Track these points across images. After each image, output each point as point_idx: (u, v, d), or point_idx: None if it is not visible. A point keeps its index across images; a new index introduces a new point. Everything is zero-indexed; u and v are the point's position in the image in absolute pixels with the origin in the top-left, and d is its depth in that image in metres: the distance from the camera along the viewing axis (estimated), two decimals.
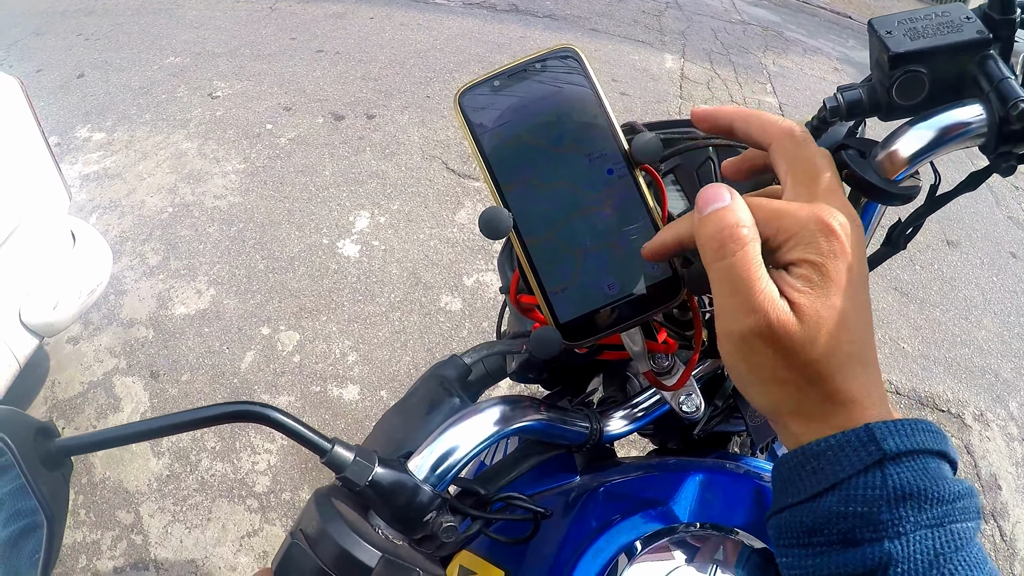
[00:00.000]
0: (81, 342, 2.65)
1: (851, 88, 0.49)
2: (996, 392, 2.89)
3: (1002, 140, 0.45)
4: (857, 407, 0.37)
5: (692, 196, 0.65)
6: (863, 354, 0.38)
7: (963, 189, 0.52)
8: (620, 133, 0.46)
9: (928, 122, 0.46)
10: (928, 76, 0.46)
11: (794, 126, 0.42)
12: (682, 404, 0.54)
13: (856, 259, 0.38)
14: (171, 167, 3.59)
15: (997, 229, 3.99)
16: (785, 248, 0.38)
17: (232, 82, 4.38)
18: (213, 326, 2.71)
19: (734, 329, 0.38)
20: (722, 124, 0.45)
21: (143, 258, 3.03)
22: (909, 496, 0.34)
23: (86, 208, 3.30)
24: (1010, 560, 2.26)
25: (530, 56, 0.47)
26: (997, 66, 0.45)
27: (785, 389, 0.38)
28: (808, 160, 0.41)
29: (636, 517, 0.55)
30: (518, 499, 0.52)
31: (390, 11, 5.53)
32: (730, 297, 0.38)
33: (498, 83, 0.46)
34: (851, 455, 0.35)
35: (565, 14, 5.75)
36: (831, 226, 0.37)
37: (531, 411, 0.55)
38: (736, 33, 5.95)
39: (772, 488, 0.40)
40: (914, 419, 0.37)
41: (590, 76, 0.46)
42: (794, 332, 0.36)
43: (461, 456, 0.50)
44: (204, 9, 5.45)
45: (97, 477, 2.22)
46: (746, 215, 0.38)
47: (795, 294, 0.37)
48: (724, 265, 0.38)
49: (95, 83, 4.36)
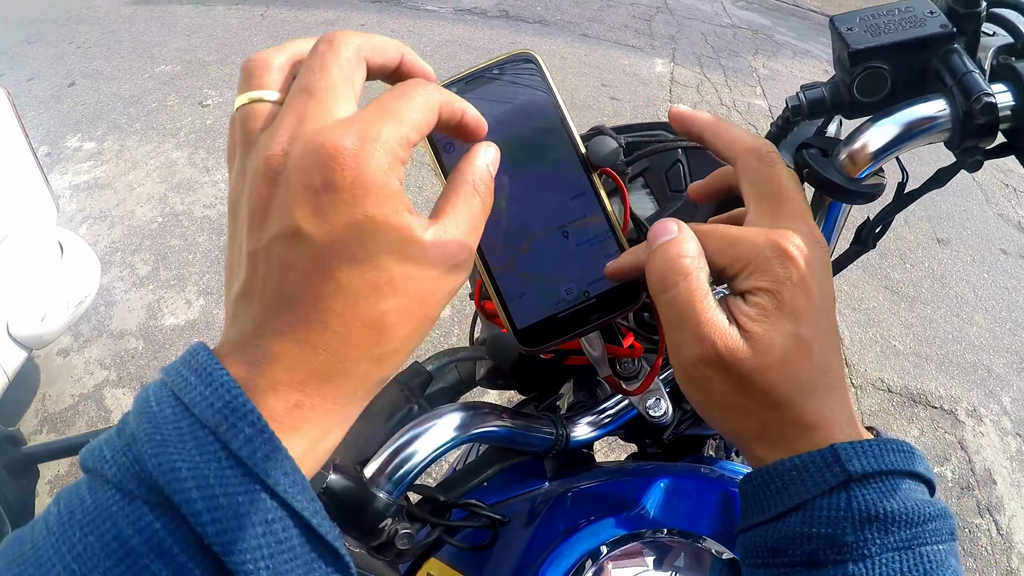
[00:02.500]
0: (71, 354, 2.64)
1: (814, 86, 0.49)
2: (989, 387, 2.88)
3: (967, 135, 0.44)
4: (821, 431, 0.36)
5: (661, 198, 0.65)
6: (826, 379, 0.37)
7: (931, 186, 0.51)
8: (578, 138, 0.45)
9: (890, 118, 0.45)
10: (890, 72, 0.45)
11: (761, 144, 0.41)
12: (649, 409, 0.54)
13: (817, 285, 0.37)
14: (161, 176, 3.58)
15: (987, 226, 3.99)
16: (741, 276, 0.38)
17: (223, 90, 4.37)
18: (203, 336, 2.68)
19: (684, 359, 0.38)
20: (695, 130, 0.44)
21: (133, 268, 3.01)
22: (875, 518, 0.33)
23: (76, 219, 3.29)
24: (1007, 554, 2.26)
25: (487, 62, 0.46)
26: (961, 60, 0.44)
27: (744, 416, 0.38)
28: (772, 182, 0.40)
29: (602, 522, 0.55)
30: (476, 506, 0.52)
31: (381, 18, 5.53)
32: (678, 328, 0.38)
33: (455, 90, 0.46)
34: (815, 475, 0.35)
35: (555, 19, 5.75)
36: (788, 252, 0.36)
37: (491, 418, 0.54)
38: (726, 37, 5.95)
39: (740, 505, 0.40)
40: (884, 439, 0.36)
41: (548, 81, 0.46)
42: (745, 359, 0.36)
43: (417, 462, 0.50)
44: (195, 17, 5.44)
45: None
46: (690, 246, 0.38)
47: (748, 322, 0.36)
48: (668, 297, 0.38)
49: (86, 92, 4.35)
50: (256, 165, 0.31)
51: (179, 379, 0.28)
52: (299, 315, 0.30)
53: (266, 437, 0.27)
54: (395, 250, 0.31)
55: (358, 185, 0.30)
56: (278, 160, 0.30)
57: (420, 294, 0.33)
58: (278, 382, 0.29)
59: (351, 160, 0.30)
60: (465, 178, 0.37)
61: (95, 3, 5.67)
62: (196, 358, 0.29)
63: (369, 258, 0.30)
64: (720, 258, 0.38)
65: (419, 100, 0.34)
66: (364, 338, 0.31)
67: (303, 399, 0.29)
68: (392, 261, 0.31)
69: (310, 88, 0.32)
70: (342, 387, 0.31)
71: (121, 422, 0.29)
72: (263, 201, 0.31)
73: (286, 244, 0.30)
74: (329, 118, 0.31)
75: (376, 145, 0.31)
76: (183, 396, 0.27)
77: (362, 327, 0.31)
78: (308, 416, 0.30)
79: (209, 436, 0.26)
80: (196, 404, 0.27)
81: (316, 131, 0.30)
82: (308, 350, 0.30)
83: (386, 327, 0.32)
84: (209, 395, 0.27)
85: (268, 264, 0.30)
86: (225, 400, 0.27)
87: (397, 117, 0.32)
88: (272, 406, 0.29)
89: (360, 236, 0.30)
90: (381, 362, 0.32)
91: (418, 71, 0.38)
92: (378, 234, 0.31)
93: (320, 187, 0.30)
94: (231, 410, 0.27)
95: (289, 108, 0.32)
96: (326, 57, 0.33)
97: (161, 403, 0.27)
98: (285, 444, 0.28)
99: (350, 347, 0.31)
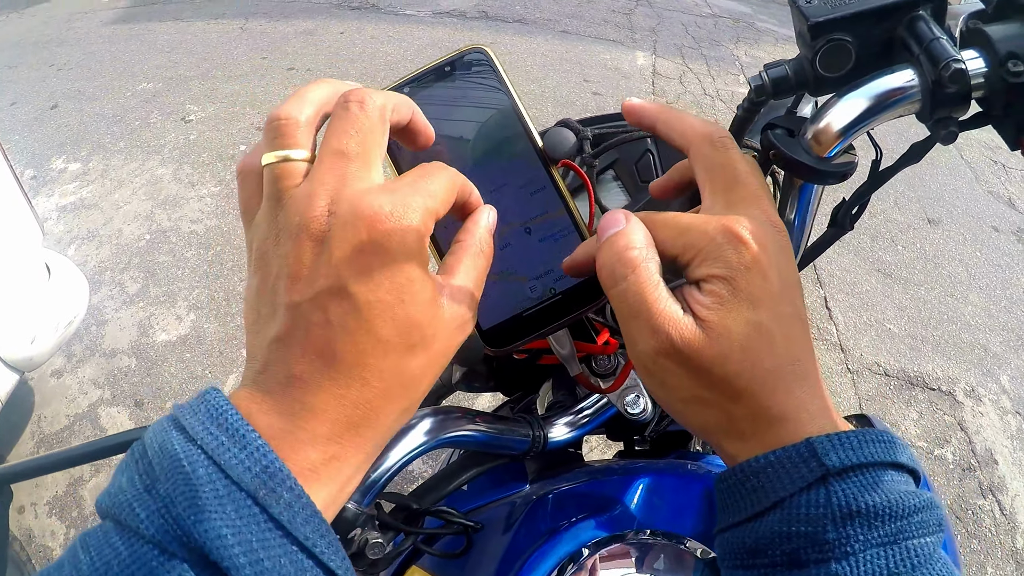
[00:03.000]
0: (65, 375, 2.62)
1: (776, 65, 0.47)
2: (986, 367, 2.87)
3: (937, 105, 0.42)
4: (791, 423, 0.35)
5: (633, 190, 0.63)
6: (793, 369, 0.35)
7: (906, 161, 0.49)
8: (534, 131, 0.44)
9: (856, 92, 0.43)
10: (853, 44, 0.44)
11: (713, 130, 0.40)
12: (627, 406, 0.52)
13: (775, 270, 0.36)
14: (147, 194, 3.56)
15: (978, 204, 3.98)
16: (694, 264, 0.36)
17: (205, 105, 4.35)
18: (195, 351, 2.67)
19: (641, 353, 0.37)
20: (646, 123, 0.43)
21: (122, 287, 2.99)
22: (856, 513, 0.32)
23: (64, 240, 3.27)
24: (1011, 534, 2.25)
25: (438, 60, 0.45)
26: (928, 27, 0.42)
27: (709, 409, 0.36)
28: (726, 167, 0.39)
29: (584, 523, 0.53)
30: (449, 513, 0.50)
31: (360, 24, 5.51)
32: (631, 321, 0.37)
33: (408, 90, 0.45)
34: (791, 472, 0.33)
35: (535, 18, 5.73)
36: (739, 236, 0.35)
37: (463, 422, 0.52)
38: (707, 26, 5.94)
39: (717, 505, 0.38)
40: (862, 430, 0.34)
41: (501, 76, 0.45)
42: (702, 349, 0.35)
43: (385, 470, 0.48)
44: (175, 33, 5.41)
45: (87, 510, 2.18)
46: (638, 237, 0.37)
47: (703, 310, 0.35)
48: (618, 291, 0.37)
49: (69, 113, 4.32)
50: (296, 222, 0.32)
51: (208, 437, 0.28)
52: (341, 371, 0.31)
53: (304, 503, 0.28)
54: (427, 310, 0.33)
55: (402, 249, 0.32)
56: (323, 220, 0.32)
57: (439, 349, 0.35)
58: (317, 435, 0.30)
59: (395, 225, 0.32)
60: (474, 237, 0.39)
61: (75, 24, 5.65)
62: (222, 415, 0.29)
63: (408, 318, 0.33)
64: (671, 247, 0.37)
65: (445, 181, 0.36)
66: (396, 393, 0.33)
67: (339, 451, 0.31)
68: (426, 320, 0.33)
69: (346, 152, 0.33)
70: (373, 438, 0.33)
71: (146, 475, 0.28)
72: (308, 258, 0.32)
73: (332, 301, 0.31)
74: (368, 183, 0.33)
75: (415, 215, 0.33)
76: (216, 457, 0.28)
77: (398, 384, 0.33)
78: (342, 467, 0.32)
79: (247, 500, 0.27)
80: (232, 467, 0.27)
81: (359, 195, 0.32)
82: (348, 405, 0.31)
83: (415, 381, 0.34)
84: (244, 459, 0.28)
85: (312, 319, 0.31)
86: (262, 465, 0.28)
87: (429, 193, 0.35)
88: (311, 458, 0.30)
89: (402, 297, 0.32)
90: (406, 412, 0.35)
91: (422, 127, 0.40)
92: (416, 295, 0.33)
93: (369, 249, 0.31)
94: (269, 475, 0.28)
95: (327, 170, 0.33)
96: (359, 119, 0.34)
97: (193, 463, 0.27)
98: (319, 491, 0.30)
99: (385, 402, 0.32)
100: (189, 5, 5.96)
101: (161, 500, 0.27)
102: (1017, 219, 3.93)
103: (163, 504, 0.27)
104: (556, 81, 4.64)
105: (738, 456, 0.36)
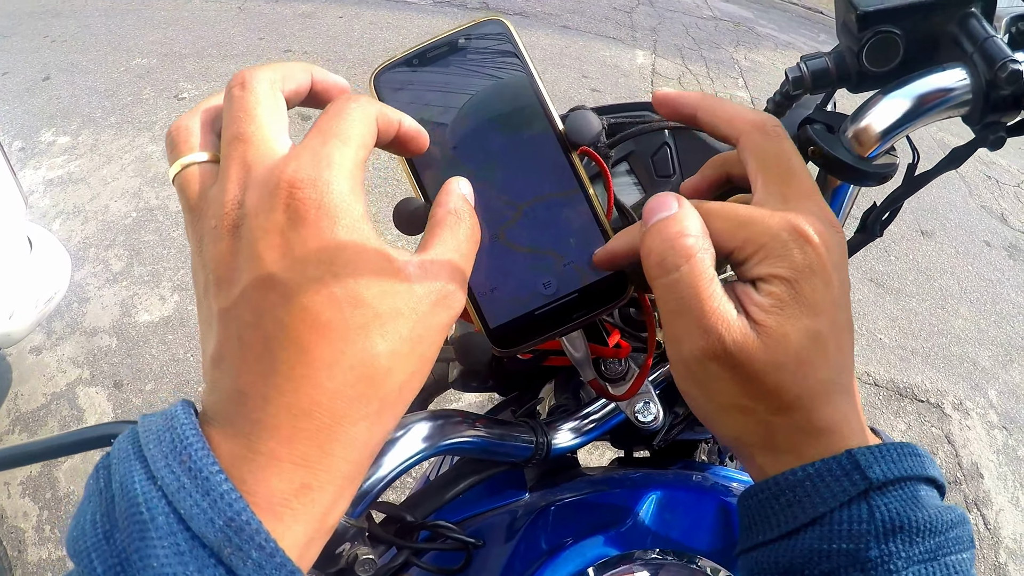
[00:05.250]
0: (44, 352, 2.57)
1: (816, 56, 0.44)
2: (975, 380, 2.88)
3: (990, 108, 0.40)
4: (834, 436, 0.32)
5: (648, 185, 0.60)
6: (840, 380, 0.33)
7: (945, 167, 0.46)
8: (555, 113, 0.40)
9: (903, 90, 0.40)
10: (902, 38, 0.41)
11: (766, 119, 0.37)
12: (638, 413, 0.49)
13: (836, 274, 0.33)
14: (136, 171, 3.50)
15: (971, 218, 4.00)
16: (753, 261, 0.33)
17: (199, 83, 4.28)
18: (177, 333, 2.63)
19: (685, 352, 0.33)
20: (685, 112, 0.40)
21: (106, 264, 2.94)
22: (899, 529, 0.29)
23: (49, 214, 3.21)
24: (995, 548, 2.25)
25: (454, 30, 0.41)
26: (981, 25, 0.40)
27: (749, 418, 0.33)
28: (782, 158, 0.36)
29: (589, 541, 0.50)
30: (446, 528, 0.47)
31: (359, 10, 5.45)
32: (678, 317, 0.33)
33: (418, 61, 0.41)
34: (833, 485, 0.31)
35: (536, 11, 5.70)
36: (807, 235, 0.32)
37: (464, 427, 0.49)
38: (707, 29, 5.93)
39: (740, 522, 0.35)
40: (899, 443, 0.32)
41: (520, 51, 0.41)
42: (756, 356, 0.32)
43: (378, 479, 0.44)
44: (172, 9, 5.34)
45: (61, 491, 2.14)
46: (694, 224, 0.34)
47: (760, 313, 0.32)
48: (667, 281, 0.33)
49: (61, 86, 4.25)
50: (211, 223, 0.29)
51: (169, 476, 0.25)
52: (283, 374, 0.27)
53: (277, 562, 0.24)
54: (376, 282, 0.29)
55: (324, 214, 0.28)
56: (234, 211, 0.29)
57: (411, 332, 0.30)
58: (278, 457, 0.26)
59: (310, 190, 0.28)
60: (445, 208, 0.35)
61: None
62: (186, 449, 0.25)
63: (349, 294, 0.28)
64: (729, 240, 0.34)
65: (356, 115, 0.32)
66: (358, 391, 0.28)
67: (309, 478, 0.27)
68: (375, 294, 0.28)
69: (241, 134, 0.30)
70: (345, 455, 0.28)
71: (107, 517, 0.25)
72: (226, 256, 0.28)
73: (259, 294, 0.27)
74: (273, 156, 0.30)
75: (332, 170, 0.29)
76: (177, 503, 0.24)
77: (354, 378, 0.28)
78: (315, 498, 0.27)
79: (210, 559, 0.24)
80: (193, 517, 0.24)
81: (266, 171, 0.29)
82: (300, 414, 0.27)
83: (380, 374, 0.29)
84: (207, 507, 0.24)
85: (242, 320, 0.28)
86: (227, 517, 0.24)
87: (342, 137, 0.30)
88: (279, 489, 0.26)
89: (336, 270, 0.28)
90: (380, 416, 0.29)
91: (332, 87, 0.36)
92: (355, 264, 0.28)
93: (285, 225, 0.28)
94: (235, 530, 0.24)
95: (229, 160, 0.30)
96: (245, 100, 0.31)
97: (152, 509, 0.24)
98: (294, 529, 0.26)
99: (345, 403, 0.27)
100: None
101: (117, 555, 0.24)
102: (1009, 235, 3.94)
103: (119, 560, 0.24)
104: (555, 76, 4.61)
105: (768, 470, 0.34)
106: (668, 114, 0.41)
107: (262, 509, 0.25)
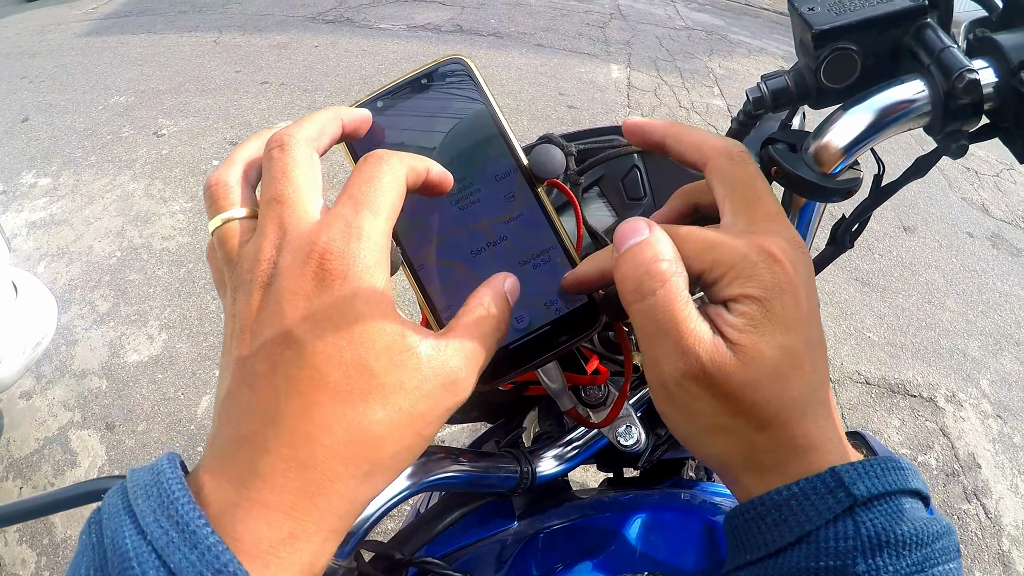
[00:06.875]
0: (34, 396, 2.54)
1: (775, 76, 0.44)
2: (966, 372, 2.89)
3: (949, 117, 0.40)
4: (816, 453, 0.33)
5: (619, 208, 0.60)
6: (816, 395, 0.33)
7: (910, 177, 0.47)
8: (518, 149, 0.41)
9: (863, 105, 0.41)
10: (859, 53, 0.41)
11: (732, 145, 0.38)
12: (620, 437, 0.49)
13: (805, 291, 0.33)
14: (118, 210, 3.49)
15: (952, 211, 4.03)
16: (723, 282, 0.33)
17: (177, 119, 4.29)
18: (167, 372, 2.61)
19: (665, 374, 0.33)
20: (654, 139, 0.40)
21: (93, 306, 2.92)
22: (885, 543, 0.30)
23: (34, 257, 3.19)
24: (997, 537, 2.25)
25: (415, 71, 0.42)
26: (937, 35, 0.40)
27: (731, 438, 0.33)
28: (747, 182, 0.36)
29: (578, 567, 0.49)
30: (433, 564, 0.46)
31: (334, 38, 5.48)
32: (656, 340, 0.33)
33: (382, 103, 0.41)
34: (818, 503, 0.31)
35: (509, 31, 5.74)
36: (775, 255, 0.33)
37: (447, 463, 0.49)
38: (681, 39, 5.99)
39: (727, 542, 0.35)
40: (882, 458, 0.32)
41: (482, 88, 0.41)
42: (733, 374, 0.32)
43: (364, 519, 0.44)
44: (148, 46, 5.36)
45: (58, 537, 2.11)
46: (666, 248, 0.34)
47: (734, 333, 0.32)
48: (644, 306, 0.33)
49: (40, 127, 4.25)
50: (247, 279, 0.31)
51: (158, 531, 0.26)
52: (285, 427, 0.28)
53: None
54: (385, 355, 0.30)
55: (348, 285, 0.30)
56: (268, 269, 0.31)
57: (412, 407, 0.31)
58: (268, 506, 0.27)
59: (338, 262, 0.30)
60: (480, 301, 0.36)
61: (47, 36, 5.57)
62: (173, 503, 0.27)
63: (359, 361, 0.30)
64: (698, 262, 0.34)
65: (387, 180, 0.33)
66: (351, 452, 0.29)
67: (297, 528, 0.28)
68: (383, 365, 0.30)
69: (279, 196, 0.32)
70: (333, 510, 0.29)
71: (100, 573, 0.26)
72: (255, 309, 0.31)
73: (277, 348, 0.29)
74: (308, 220, 0.32)
75: (360, 243, 0.31)
76: (166, 557, 0.25)
77: (348, 440, 0.29)
78: (301, 549, 0.28)
79: None
80: (183, 570, 0.25)
81: (299, 236, 0.31)
82: (295, 468, 0.28)
83: (373, 440, 0.30)
84: (196, 560, 0.25)
85: (256, 369, 0.29)
86: (215, 569, 0.25)
87: (373, 206, 0.32)
88: (266, 537, 0.27)
89: (350, 338, 0.30)
90: (369, 479, 0.30)
91: (360, 121, 0.39)
92: (369, 335, 0.30)
93: (312, 290, 0.30)
94: None
95: (267, 219, 0.32)
96: (284, 162, 0.33)
97: (143, 562, 0.25)
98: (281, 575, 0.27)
99: (337, 462, 0.29)
100: (162, 18, 5.91)
101: None
102: (991, 224, 3.98)
103: None
104: (531, 95, 4.63)
105: (754, 490, 0.34)
106: (639, 142, 0.41)
107: (250, 557, 0.26)
